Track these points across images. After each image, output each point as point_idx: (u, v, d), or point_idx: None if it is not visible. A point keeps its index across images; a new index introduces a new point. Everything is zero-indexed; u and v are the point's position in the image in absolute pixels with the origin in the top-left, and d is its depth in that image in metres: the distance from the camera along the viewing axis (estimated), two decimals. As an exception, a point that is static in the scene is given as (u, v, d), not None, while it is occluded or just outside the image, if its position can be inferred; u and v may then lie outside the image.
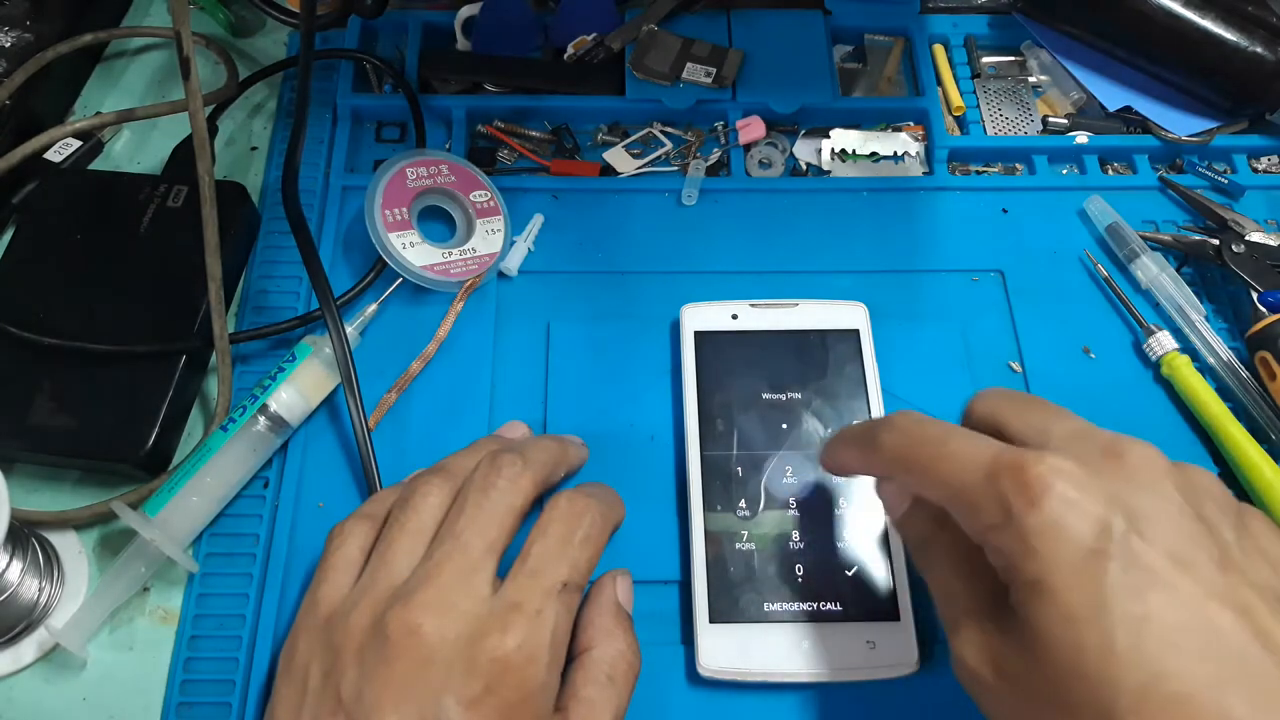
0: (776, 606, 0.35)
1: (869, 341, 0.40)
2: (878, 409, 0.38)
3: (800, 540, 0.36)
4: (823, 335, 0.40)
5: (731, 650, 0.34)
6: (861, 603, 0.35)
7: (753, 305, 0.41)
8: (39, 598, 0.36)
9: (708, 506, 0.36)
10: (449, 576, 0.29)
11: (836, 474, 0.35)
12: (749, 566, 0.35)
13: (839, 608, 0.35)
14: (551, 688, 0.29)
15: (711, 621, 0.34)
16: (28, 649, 0.35)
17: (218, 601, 0.36)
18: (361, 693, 0.28)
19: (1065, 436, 0.27)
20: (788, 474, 0.37)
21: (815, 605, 0.35)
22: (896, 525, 0.32)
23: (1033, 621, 0.25)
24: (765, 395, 0.39)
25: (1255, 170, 0.48)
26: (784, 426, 0.38)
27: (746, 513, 0.36)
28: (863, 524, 0.36)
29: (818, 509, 0.36)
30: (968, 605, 0.28)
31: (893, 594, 0.35)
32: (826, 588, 0.35)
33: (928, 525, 0.30)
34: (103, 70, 0.52)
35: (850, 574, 0.35)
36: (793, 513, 0.36)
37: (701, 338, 0.40)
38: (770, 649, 0.34)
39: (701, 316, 0.40)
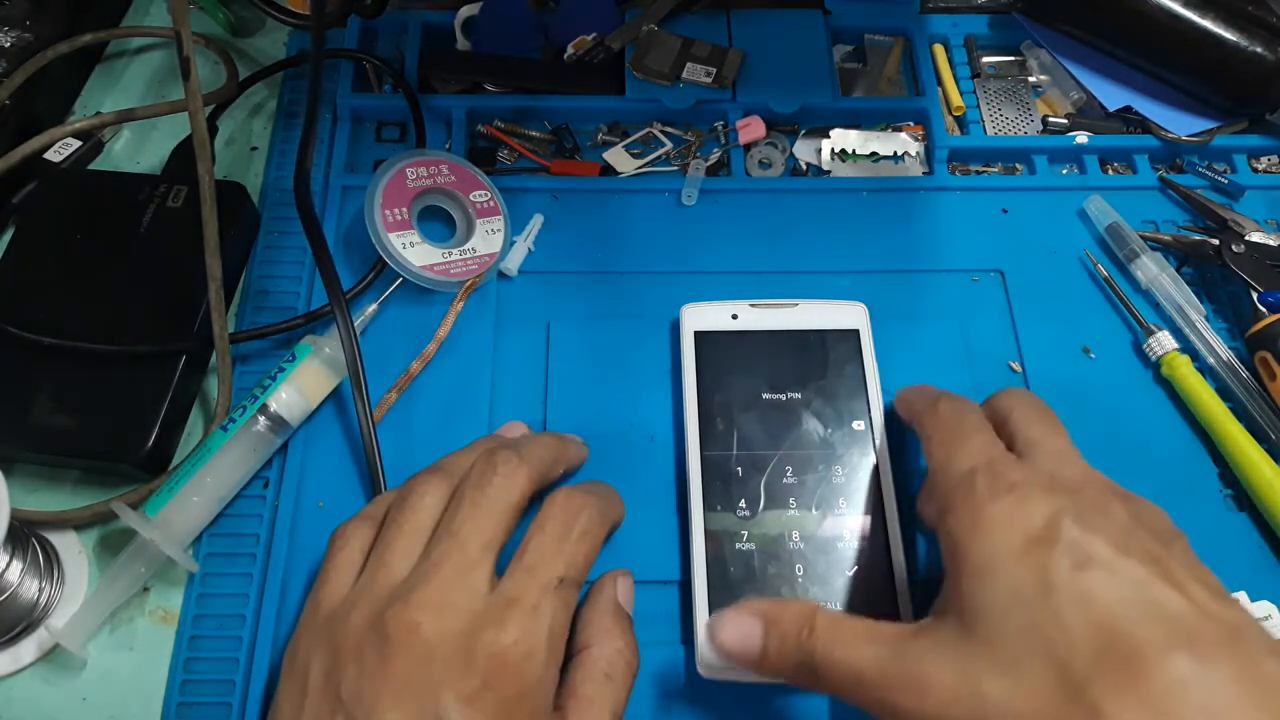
0: None
1: (869, 341, 0.40)
2: (878, 409, 0.38)
3: (800, 540, 0.36)
4: (822, 335, 0.40)
5: None
6: (861, 603, 0.35)
7: (752, 305, 0.41)
8: (39, 598, 0.36)
9: (708, 506, 0.36)
10: (447, 574, 0.29)
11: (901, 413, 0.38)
12: (749, 566, 0.35)
13: (839, 608, 0.34)
14: (549, 683, 0.29)
15: None
16: (28, 649, 0.35)
17: (218, 601, 0.36)
18: (361, 691, 0.28)
19: (1050, 454, 0.31)
20: (788, 474, 0.37)
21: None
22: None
23: (975, 607, 0.27)
24: (765, 395, 0.39)
25: (1255, 170, 0.48)
26: (784, 426, 0.38)
27: (746, 513, 0.36)
28: (862, 524, 0.36)
29: (818, 509, 0.36)
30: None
31: (893, 594, 0.35)
32: (826, 587, 0.35)
33: None
34: (103, 70, 0.52)
35: (850, 574, 0.35)
36: (793, 512, 0.36)
37: (701, 337, 0.40)
38: None
39: (701, 316, 0.40)
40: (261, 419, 0.37)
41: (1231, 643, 0.24)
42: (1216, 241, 0.44)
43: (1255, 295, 0.42)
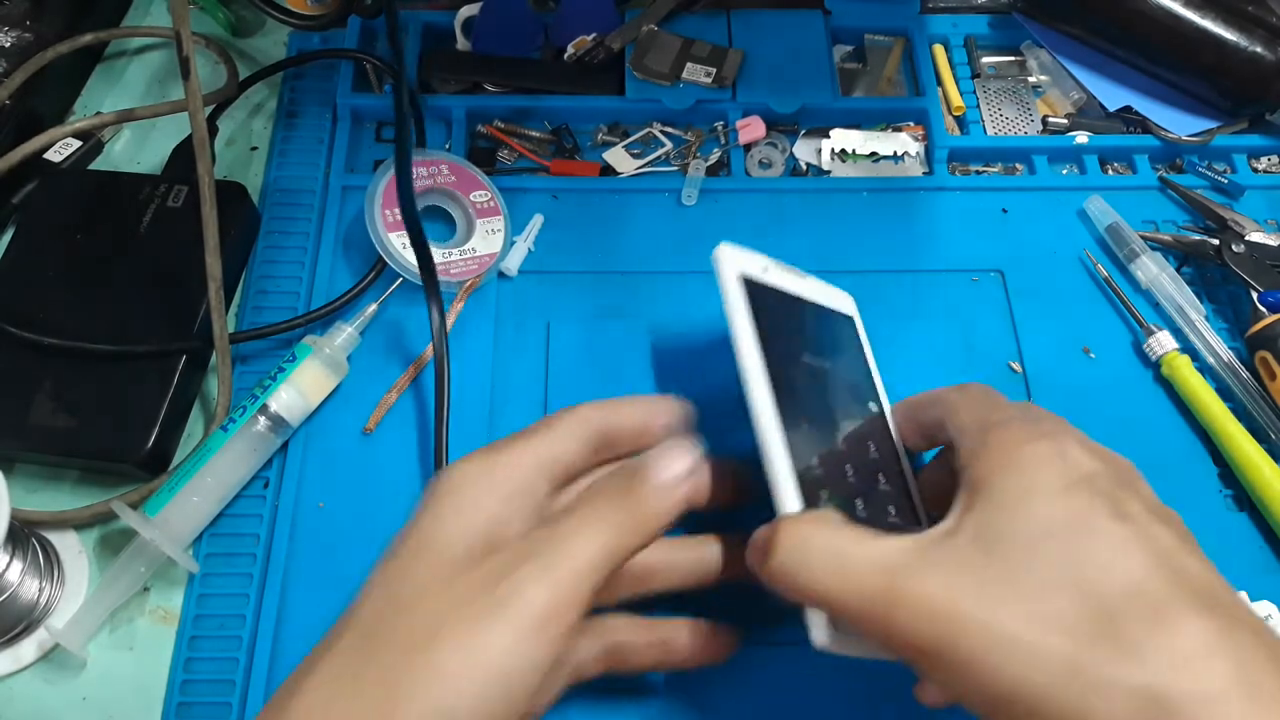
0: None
1: (862, 331, 0.39)
2: (882, 393, 0.37)
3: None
4: (832, 312, 0.38)
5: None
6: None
7: (779, 265, 0.35)
8: (39, 598, 0.36)
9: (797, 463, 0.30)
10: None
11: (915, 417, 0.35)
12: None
13: None
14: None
15: None
16: (28, 649, 0.35)
17: (218, 601, 0.36)
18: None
19: (1005, 417, 0.30)
20: (839, 444, 0.32)
21: None
22: None
23: (1001, 535, 0.27)
24: (807, 360, 0.33)
25: (1255, 170, 0.48)
26: (830, 395, 0.34)
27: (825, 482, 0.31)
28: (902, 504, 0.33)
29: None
30: None
31: None
32: None
33: None
34: (103, 70, 0.52)
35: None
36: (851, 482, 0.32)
37: (748, 284, 0.33)
38: None
39: (740, 261, 0.33)
40: (261, 419, 0.37)
41: (1248, 616, 0.25)
42: (1216, 241, 0.44)
43: (1255, 295, 0.42)
